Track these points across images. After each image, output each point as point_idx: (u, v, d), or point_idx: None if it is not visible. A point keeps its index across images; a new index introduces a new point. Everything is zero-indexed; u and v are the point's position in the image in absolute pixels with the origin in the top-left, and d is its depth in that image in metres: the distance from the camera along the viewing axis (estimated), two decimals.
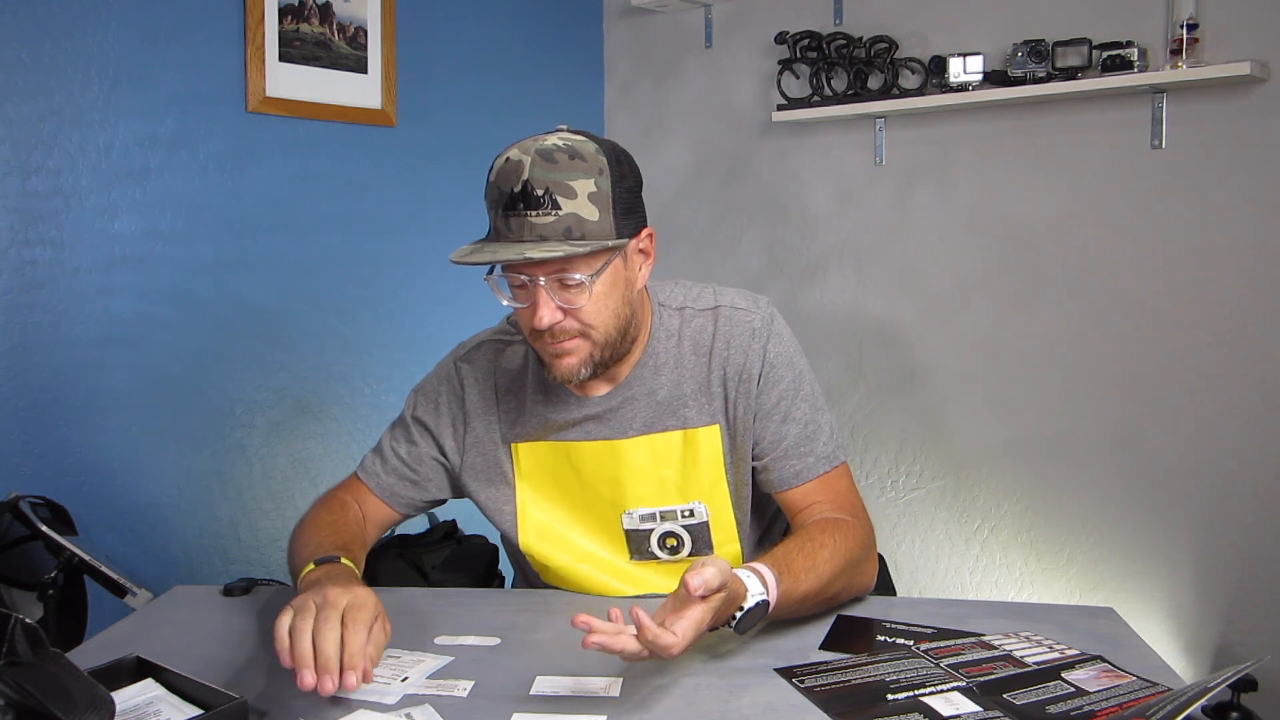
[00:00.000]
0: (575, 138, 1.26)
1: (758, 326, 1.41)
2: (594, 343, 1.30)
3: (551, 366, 1.33)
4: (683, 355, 1.41)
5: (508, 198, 1.23)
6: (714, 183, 3.17)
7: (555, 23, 3.23)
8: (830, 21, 2.90)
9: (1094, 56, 2.42)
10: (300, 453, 2.63)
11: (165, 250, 2.37)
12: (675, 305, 1.43)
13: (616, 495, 1.42)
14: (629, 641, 1.02)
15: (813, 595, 1.25)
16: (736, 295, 1.45)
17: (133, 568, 2.15)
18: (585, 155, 1.24)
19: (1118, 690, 1.08)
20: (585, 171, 1.23)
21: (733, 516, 1.43)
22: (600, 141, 1.28)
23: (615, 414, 1.40)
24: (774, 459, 1.40)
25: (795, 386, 1.42)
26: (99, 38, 2.24)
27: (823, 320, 2.98)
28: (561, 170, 1.22)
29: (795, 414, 1.41)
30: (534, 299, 1.25)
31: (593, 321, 1.28)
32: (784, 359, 1.41)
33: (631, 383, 1.39)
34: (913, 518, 2.87)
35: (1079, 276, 2.58)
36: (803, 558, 1.25)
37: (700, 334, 1.41)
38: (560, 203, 1.21)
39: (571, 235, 1.22)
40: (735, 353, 1.40)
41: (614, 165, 1.26)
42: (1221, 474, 2.41)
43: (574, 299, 1.26)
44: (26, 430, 2.16)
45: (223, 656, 1.23)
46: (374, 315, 2.74)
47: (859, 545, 1.34)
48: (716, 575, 1.05)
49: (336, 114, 2.65)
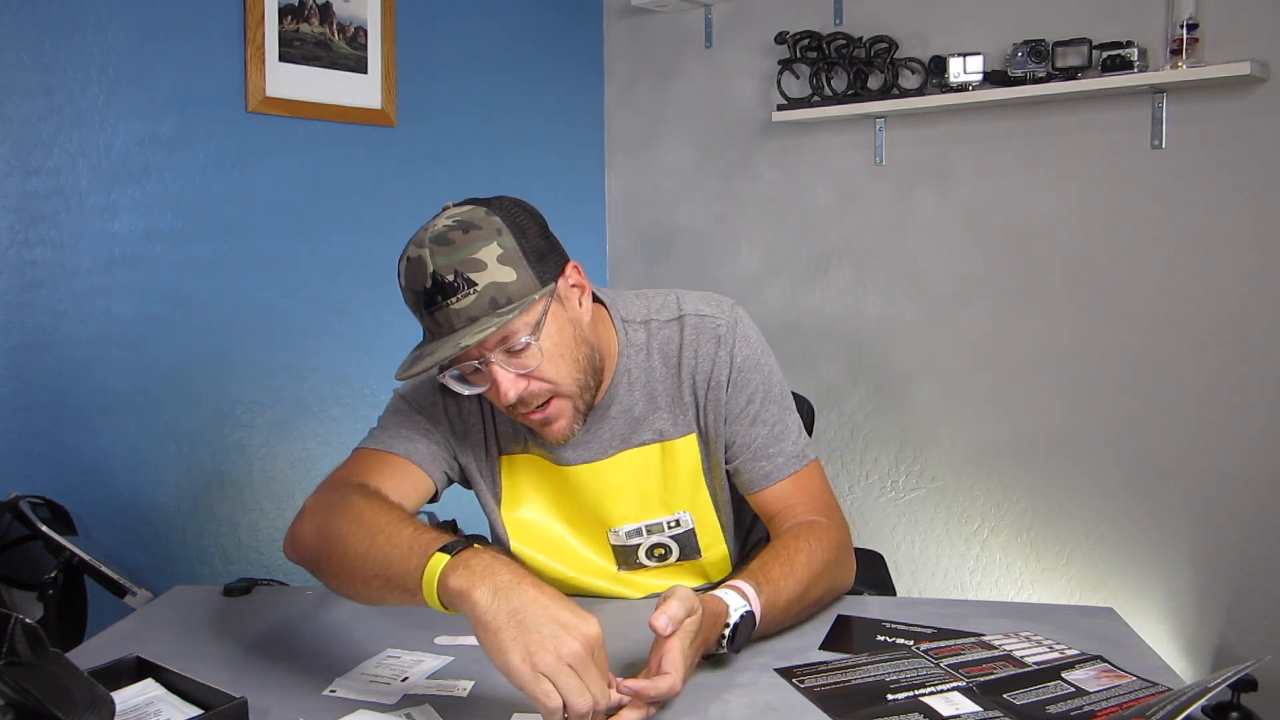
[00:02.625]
0: (461, 210, 1.24)
1: (723, 333, 1.39)
2: (569, 396, 1.28)
3: (543, 435, 1.32)
4: (653, 368, 1.39)
5: (424, 295, 1.19)
6: (714, 183, 3.17)
7: (555, 23, 3.23)
8: (830, 21, 2.90)
9: (1094, 56, 2.42)
10: (300, 453, 2.63)
11: (165, 250, 2.37)
12: (639, 319, 1.41)
13: (601, 514, 1.43)
14: (631, 712, 1.01)
15: (796, 601, 1.25)
16: (700, 300, 1.42)
17: (133, 568, 2.15)
18: (478, 223, 1.20)
19: (1118, 690, 1.08)
20: (484, 238, 1.19)
21: (717, 520, 1.44)
22: (489, 203, 1.25)
23: (594, 435, 1.39)
24: (744, 461, 1.39)
25: (764, 389, 1.40)
26: (99, 38, 2.24)
27: (823, 320, 2.98)
28: (461, 248, 1.18)
29: (763, 416, 1.39)
30: (492, 378, 1.23)
31: (555, 377, 1.25)
32: (751, 362, 1.40)
33: (608, 403, 1.38)
34: (913, 518, 2.87)
35: (1079, 276, 2.58)
36: (779, 565, 1.25)
37: (668, 345, 1.39)
38: (474, 279, 1.18)
39: (498, 304, 1.19)
40: (703, 361, 1.38)
41: (509, 220, 1.22)
42: (1221, 474, 2.41)
43: (527, 362, 1.23)
44: (26, 430, 2.16)
45: (223, 656, 1.23)
46: (374, 315, 2.74)
47: (834, 546, 1.34)
48: (679, 606, 1.04)
49: (336, 114, 2.65)
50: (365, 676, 1.16)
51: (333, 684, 1.14)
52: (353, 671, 1.17)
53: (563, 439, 1.32)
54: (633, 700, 1.01)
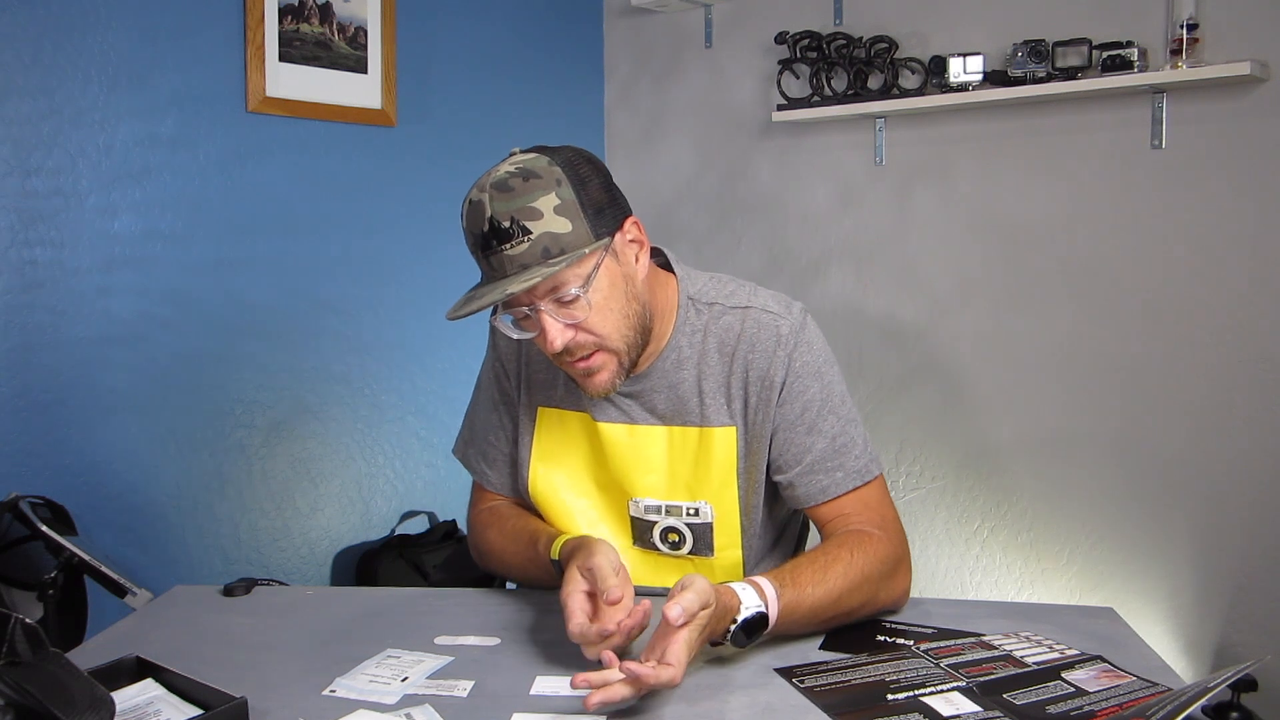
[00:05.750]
0: (526, 157, 1.25)
1: (785, 333, 1.38)
2: (614, 351, 1.29)
3: (584, 387, 1.33)
4: (707, 352, 1.38)
5: (481, 239, 1.22)
6: (714, 183, 3.17)
7: (555, 23, 3.23)
8: (830, 21, 2.90)
9: (1094, 56, 2.42)
10: (300, 453, 2.63)
11: (165, 250, 2.37)
12: (706, 300, 1.40)
13: (626, 480, 1.42)
14: (622, 688, 1.01)
15: (823, 609, 1.23)
16: (770, 298, 1.42)
17: (133, 568, 2.15)
18: (539, 172, 1.22)
19: (1118, 690, 1.08)
20: (543, 188, 1.21)
21: (738, 522, 1.41)
22: (553, 152, 1.26)
23: (636, 401, 1.40)
24: (799, 473, 1.36)
25: (823, 398, 1.38)
26: (99, 38, 2.24)
27: (823, 320, 2.92)
28: (519, 195, 1.20)
29: (821, 426, 1.36)
30: (540, 325, 1.25)
31: (602, 331, 1.27)
32: (810, 369, 1.38)
33: (652, 373, 1.38)
34: (913, 518, 2.87)
35: (1079, 276, 2.58)
36: (812, 571, 1.23)
37: (726, 332, 1.38)
38: (529, 227, 1.20)
39: (550, 254, 1.20)
40: (759, 357, 1.37)
41: (570, 172, 1.24)
42: (1221, 474, 2.41)
43: (575, 313, 1.24)
44: (26, 430, 2.16)
45: (223, 656, 1.23)
46: (374, 315, 2.74)
47: (880, 560, 1.30)
48: (695, 599, 1.05)
49: (336, 114, 2.65)
50: (365, 676, 1.16)
51: (333, 684, 1.14)
52: (353, 671, 1.17)
53: (603, 392, 1.32)
54: (630, 678, 1.01)
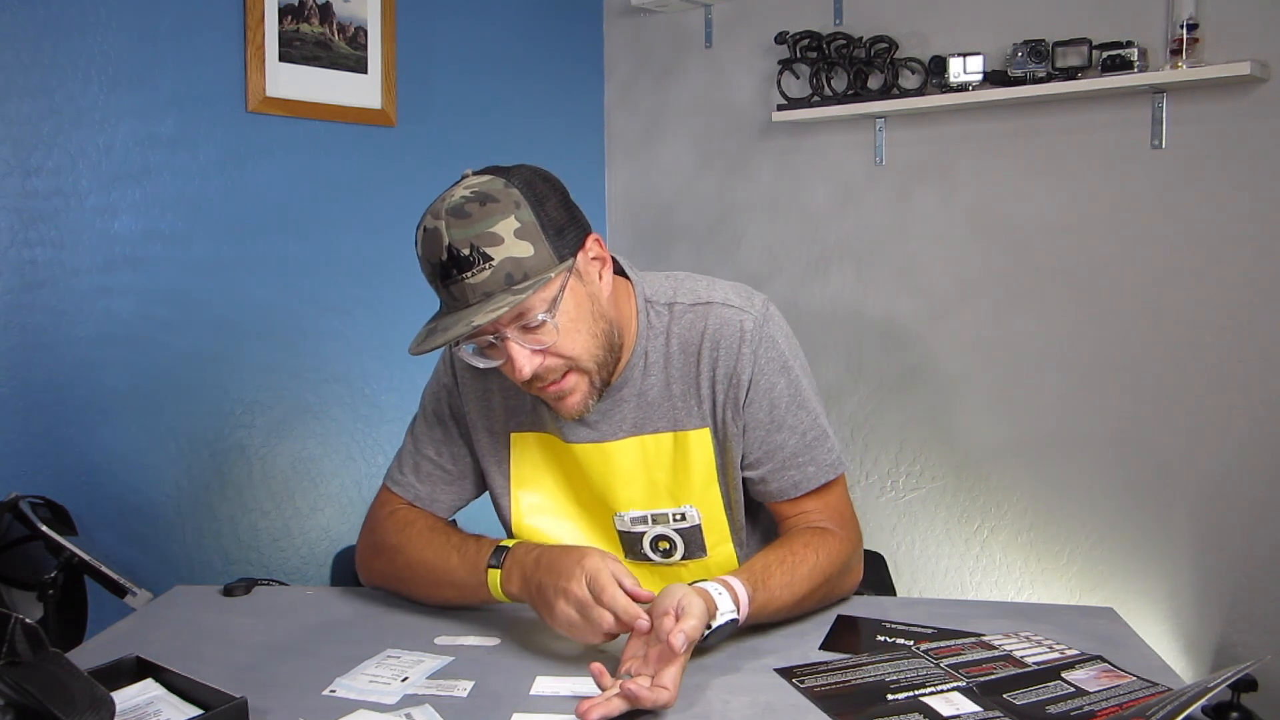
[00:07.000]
0: (480, 179, 1.21)
1: (749, 328, 1.34)
2: (585, 371, 1.26)
3: (557, 410, 1.30)
4: (671, 354, 1.35)
5: (440, 268, 1.18)
6: (714, 183, 3.17)
7: (555, 23, 3.23)
8: (830, 21, 2.90)
9: (1094, 56, 2.42)
10: (300, 453, 2.63)
11: (165, 250, 2.37)
12: (664, 300, 1.37)
13: (608, 496, 1.40)
14: (619, 702, 1.02)
15: (786, 610, 1.27)
16: (731, 291, 1.38)
17: (133, 568, 2.15)
18: (496, 195, 1.18)
19: (1118, 690, 1.08)
20: (501, 212, 1.17)
21: (725, 519, 1.40)
22: (508, 173, 1.22)
23: (605, 416, 1.37)
24: (771, 470, 1.36)
25: (791, 393, 1.36)
26: (99, 38, 2.24)
27: (823, 320, 2.98)
28: (477, 221, 1.16)
29: (791, 422, 1.35)
30: (507, 354, 1.21)
31: (571, 353, 1.23)
32: (776, 364, 1.35)
33: (621, 384, 1.35)
34: (913, 518, 2.87)
35: (1079, 276, 2.58)
36: (782, 573, 1.25)
37: (689, 331, 1.35)
38: (490, 254, 1.15)
39: (513, 281, 1.16)
40: (724, 355, 1.33)
41: (528, 193, 1.19)
42: (1222, 474, 2.41)
43: (543, 339, 1.21)
44: (26, 430, 2.16)
45: (223, 656, 1.23)
46: (374, 315, 2.74)
47: (841, 560, 1.33)
48: (698, 627, 1.08)
49: (336, 114, 2.65)
50: (365, 676, 1.16)
51: (333, 684, 1.14)
52: (353, 671, 1.17)
53: (577, 414, 1.30)
54: (626, 694, 1.02)
